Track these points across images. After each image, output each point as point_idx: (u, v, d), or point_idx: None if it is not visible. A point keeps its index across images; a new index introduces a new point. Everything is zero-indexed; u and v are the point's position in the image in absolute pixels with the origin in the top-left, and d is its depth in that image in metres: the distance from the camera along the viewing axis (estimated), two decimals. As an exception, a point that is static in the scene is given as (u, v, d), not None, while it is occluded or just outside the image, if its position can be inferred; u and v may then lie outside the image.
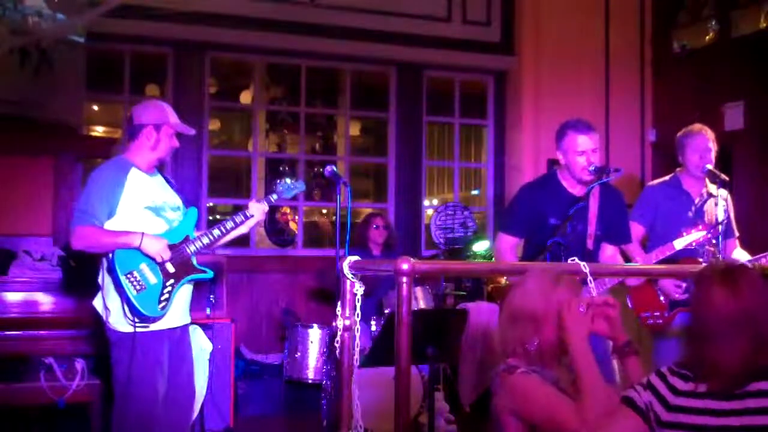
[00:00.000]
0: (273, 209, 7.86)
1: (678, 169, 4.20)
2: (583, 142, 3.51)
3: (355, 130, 8.65)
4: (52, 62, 4.79)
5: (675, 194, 4.12)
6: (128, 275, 3.27)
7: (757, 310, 1.93)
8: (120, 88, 6.37)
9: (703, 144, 4.04)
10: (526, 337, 2.29)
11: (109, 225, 3.32)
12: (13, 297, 4.42)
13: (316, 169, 8.37)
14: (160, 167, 3.63)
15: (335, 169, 4.13)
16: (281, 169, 8.59)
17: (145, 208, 3.40)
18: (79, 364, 4.23)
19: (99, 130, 7.68)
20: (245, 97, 7.85)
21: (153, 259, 3.31)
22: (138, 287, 3.27)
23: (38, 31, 4.42)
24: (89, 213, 3.27)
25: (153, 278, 3.32)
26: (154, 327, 3.34)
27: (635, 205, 4.26)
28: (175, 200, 3.60)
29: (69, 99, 5.26)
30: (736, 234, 4.20)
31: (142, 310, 3.26)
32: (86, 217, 3.27)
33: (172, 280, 3.36)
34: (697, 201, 4.08)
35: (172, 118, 3.52)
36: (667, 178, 4.25)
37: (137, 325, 3.26)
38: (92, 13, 4.86)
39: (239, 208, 8.49)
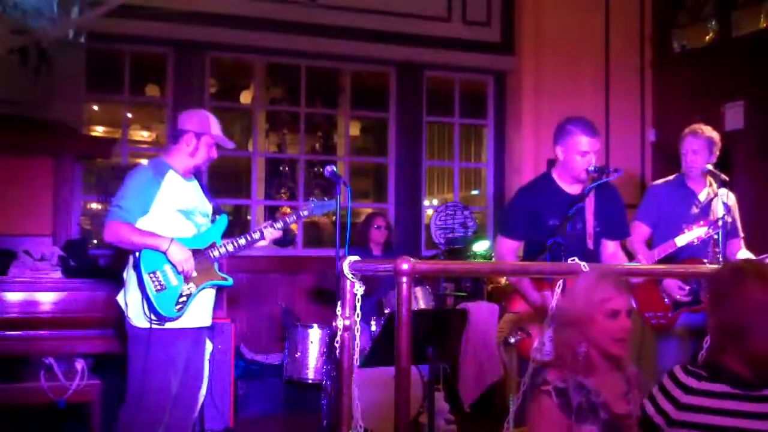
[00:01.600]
0: (273, 209, 7.89)
1: (682, 169, 4.20)
2: (585, 143, 3.48)
3: (355, 130, 8.64)
4: (52, 62, 4.80)
5: (679, 193, 4.13)
6: (151, 274, 3.37)
7: None
8: (120, 88, 6.36)
9: (689, 145, 4.06)
10: (573, 342, 2.21)
11: (141, 223, 3.42)
12: (13, 297, 4.42)
13: (316, 169, 8.37)
14: (196, 173, 3.71)
15: (335, 169, 4.13)
16: (281, 169, 8.59)
17: (177, 211, 3.50)
18: (79, 364, 4.23)
19: (99, 130, 7.67)
20: (245, 97, 7.85)
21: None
22: (158, 287, 3.37)
23: (38, 31, 4.42)
24: (124, 209, 3.38)
25: (174, 280, 3.42)
26: (172, 325, 3.41)
27: (640, 205, 4.27)
28: (206, 207, 3.70)
29: (69, 99, 5.26)
30: (741, 234, 4.20)
31: (159, 310, 3.35)
32: (121, 213, 3.37)
33: (191, 284, 3.46)
34: (702, 199, 4.08)
35: (215, 129, 3.63)
36: (671, 177, 4.26)
37: (153, 322, 3.35)
38: (92, 13, 4.87)
39: (239, 209, 8.55)
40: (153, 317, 3.34)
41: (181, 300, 3.41)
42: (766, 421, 1.89)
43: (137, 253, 3.38)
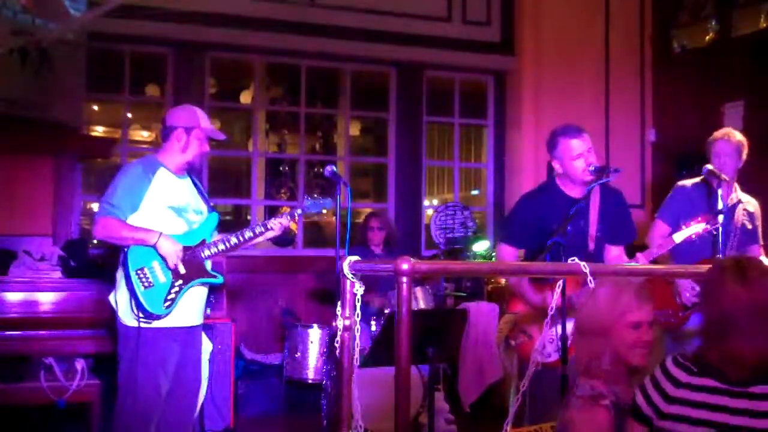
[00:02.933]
0: (273, 209, 7.88)
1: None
2: (577, 145, 3.47)
3: (355, 130, 8.64)
4: (52, 62, 4.79)
5: (705, 195, 4.11)
6: (138, 271, 3.35)
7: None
8: (120, 88, 6.36)
9: (722, 150, 4.07)
10: (597, 352, 2.21)
11: (131, 219, 3.41)
12: (13, 297, 4.42)
13: (316, 169, 8.38)
14: (190, 171, 3.67)
15: (335, 169, 4.13)
16: (281, 169, 8.59)
17: (168, 208, 3.48)
18: (79, 364, 4.23)
19: (99, 130, 7.68)
20: (245, 97, 7.85)
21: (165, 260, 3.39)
22: (146, 284, 3.34)
23: (38, 31, 4.42)
24: (114, 205, 3.37)
25: (162, 277, 3.39)
26: (160, 324, 3.39)
27: (664, 202, 4.24)
28: (200, 204, 3.66)
29: (69, 99, 5.25)
30: (761, 242, 4.18)
31: (146, 307, 3.32)
32: (110, 209, 3.37)
33: (180, 281, 3.43)
34: (725, 203, 4.06)
35: (204, 122, 3.58)
36: (698, 179, 4.24)
37: (141, 320, 3.32)
38: (92, 13, 4.87)
39: (239, 208, 8.51)
40: (141, 315, 3.31)
41: (169, 297, 3.38)
42: (752, 418, 1.89)
43: (125, 250, 3.36)
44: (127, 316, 3.38)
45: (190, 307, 3.52)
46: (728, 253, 3.88)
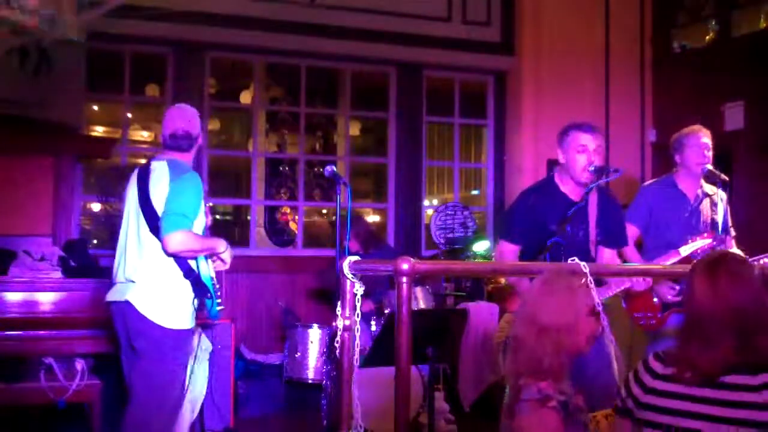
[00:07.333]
0: (273, 209, 7.88)
1: (674, 169, 4.18)
2: (585, 139, 3.47)
3: (355, 130, 8.64)
4: (52, 62, 4.79)
5: (671, 194, 4.11)
6: (211, 278, 3.41)
7: (736, 306, 1.93)
8: (120, 88, 6.37)
9: (702, 141, 4.04)
10: (556, 349, 2.16)
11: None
12: (13, 297, 4.42)
13: (316, 169, 8.37)
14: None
15: (335, 169, 4.13)
16: (281, 169, 8.59)
17: (201, 213, 3.46)
18: (79, 364, 4.22)
19: (99, 130, 7.68)
20: (245, 97, 7.85)
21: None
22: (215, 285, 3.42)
23: (38, 31, 4.42)
24: (189, 218, 3.27)
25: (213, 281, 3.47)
26: (186, 326, 3.37)
27: (630, 205, 4.24)
28: None
29: (69, 99, 5.26)
30: (733, 233, 4.19)
31: (214, 308, 3.37)
32: (186, 221, 3.26)
33: (217, 284, 3.50)
34: (693, 201, 4.08)
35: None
36: (662, 178, 4.24)
37: (197, 321, 3.40)
38: (92, 13, 4.87)
39: (239, 208, 8.50)
40: (202, 313, 3.35)
41: (218, 299, 3.42)
42: (723, 407, 1.90)
43: (193, 261, 3.33)
44: (173, 319, 3.29)
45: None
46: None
